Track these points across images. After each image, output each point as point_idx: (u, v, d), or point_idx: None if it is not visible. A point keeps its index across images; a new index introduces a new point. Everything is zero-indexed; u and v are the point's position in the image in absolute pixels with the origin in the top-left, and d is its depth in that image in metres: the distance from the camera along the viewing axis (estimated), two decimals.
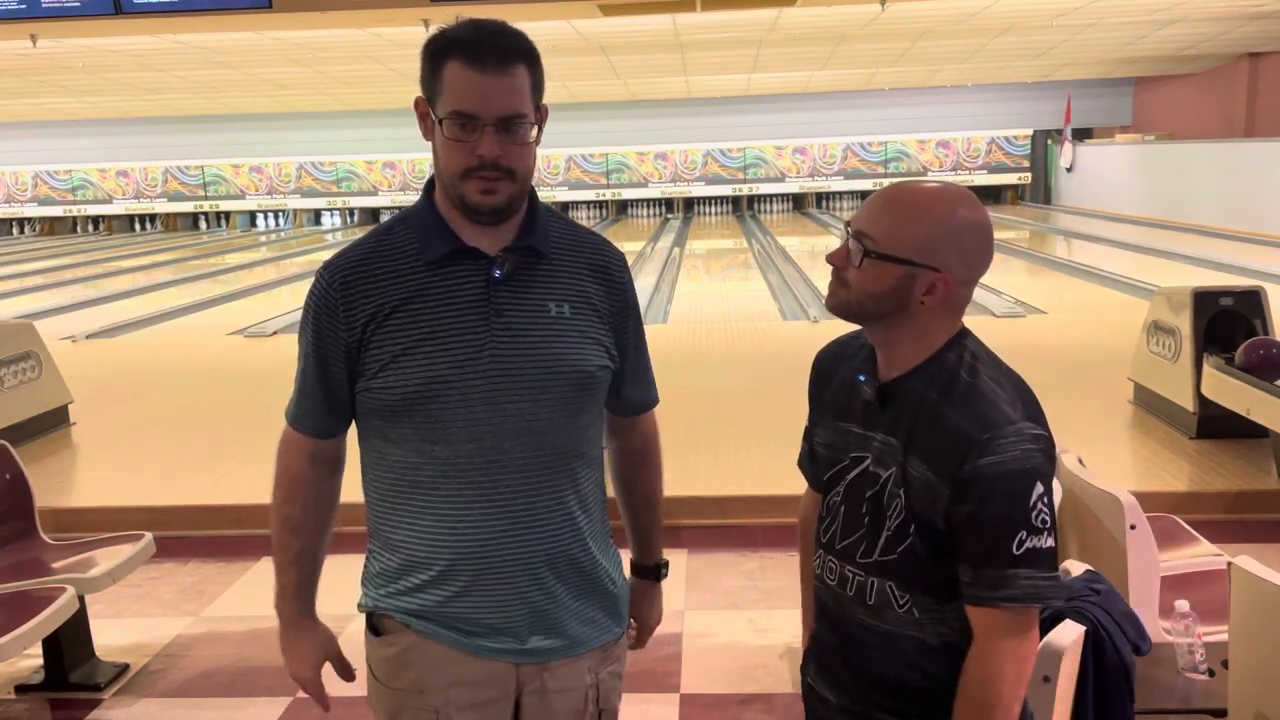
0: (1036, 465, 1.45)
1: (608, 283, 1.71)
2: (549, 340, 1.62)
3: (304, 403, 1.69)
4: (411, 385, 1.58)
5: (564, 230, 1.71)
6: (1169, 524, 3.22)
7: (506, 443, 1.60)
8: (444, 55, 1.54)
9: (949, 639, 1.54)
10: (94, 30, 8.94)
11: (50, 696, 3.48)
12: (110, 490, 5.31)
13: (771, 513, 4.76)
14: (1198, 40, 15.63)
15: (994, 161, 23.91)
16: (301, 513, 1.72)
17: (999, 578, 1.45)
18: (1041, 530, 1.45)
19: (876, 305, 1.53)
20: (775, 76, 18.53)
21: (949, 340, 1.55)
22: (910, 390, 1.54)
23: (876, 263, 1.50)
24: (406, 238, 1.64)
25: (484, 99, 1.53)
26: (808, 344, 7.53)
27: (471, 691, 1.65)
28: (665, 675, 3.48)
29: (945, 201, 1.51)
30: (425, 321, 1.59)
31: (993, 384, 1.51)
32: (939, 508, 1.48)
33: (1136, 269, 12.13)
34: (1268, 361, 4.81)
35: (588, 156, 24.25)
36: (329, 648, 1.78)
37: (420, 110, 1.60)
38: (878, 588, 1.56)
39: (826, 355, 1.74)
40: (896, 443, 1.53)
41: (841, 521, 1.62)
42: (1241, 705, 2.14)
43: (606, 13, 8.69)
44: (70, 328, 10.26)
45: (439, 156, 1.58)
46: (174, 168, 24.98)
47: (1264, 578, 2.06)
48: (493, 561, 1.62)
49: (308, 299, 1.66)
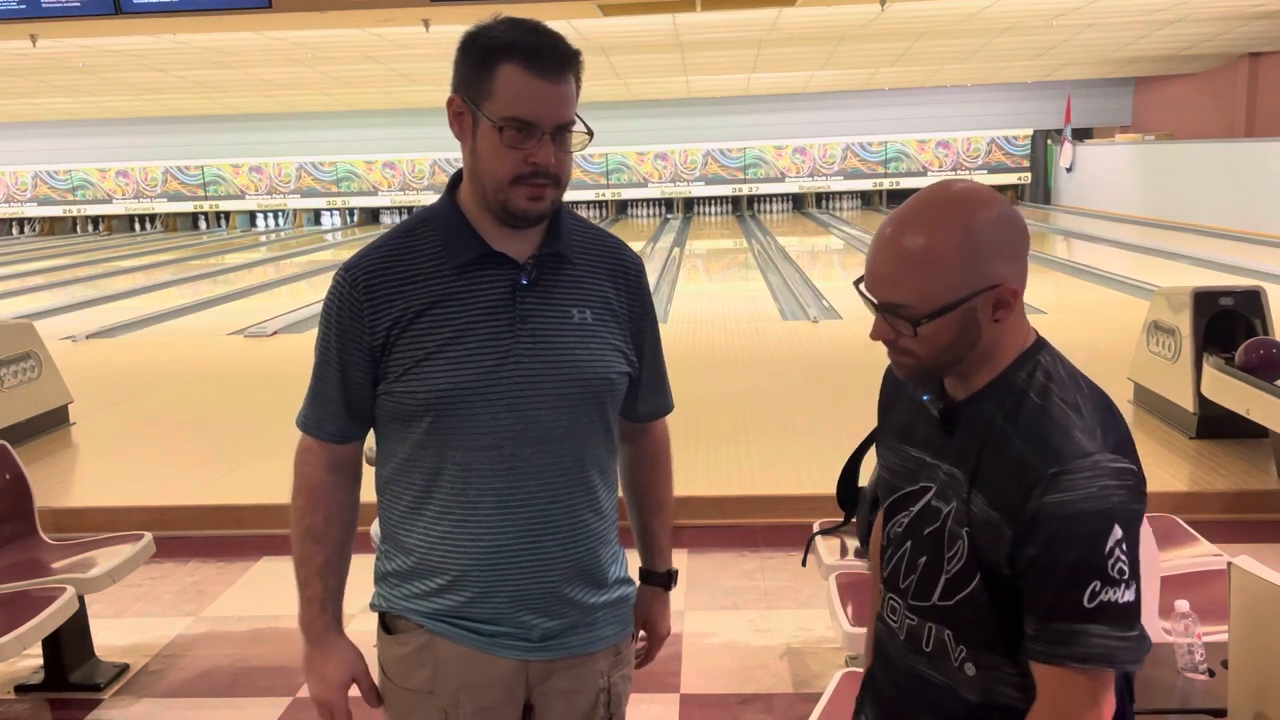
0: (1117, 504, 1.26)
1: (627, 288, 1.70)
2: (572, 347, 1.60)
3: (323, 408, 1.65)
4: (436, 390, 1.56)
5: (584, 233, 1.70)
6: (1169, 524, 3.22)
7: (526, 449, 1.59)
8: (498, 57, 1.49)
9: (1009, 701, 1.37)
10: (94, 30, 8.94)
11: (50, 696, 3.47)
12: (110, 490, 5.31)
13: (771, 513, 4.76)
14: (1198, 40, 15.63)
15: (994, 161, 23.91)
16: (325, 522, 1.67)
17: (1068, 633, 1.27)
18: (1119, 582, 1.25)
19: (954, 353, 1.35)
20: (775, 76, 18.52)
21: (1020, 355, 1.37)
22: (979, 415, 1.37)
23: (931, 323, 1.32)
24: (430, 239, 1.60)
25: (545, 106, 1.50)
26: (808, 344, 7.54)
27: (481, 694, 1.64)
28: (665, 675, 3.48)
29: (956, 217, 1.31)
30: (451, 326, 1.56)
31: (1066, 407, 1.31)
32: (1002, 550, 1.30)
33: (1136, 269, 12.13)
34: (1268, 361, 4.81)
35: (588, 156, 24.20)
36: (357, 667, 1.70)
37: (456, 109, 1.55)
38: (935, 635, 1.41)
39: (892, 372, 1.55)
40: (961, 475, 1.36)
41: (903, 557, 1.46)
42: (1241, 705, 2.14)
43: (606, 13, 8.68)
44: (70, 328, 10.26)
45: (483, 160, 1.54)
46: (174, 168, 24.98)
47: (1264, 578, 2.06)
48: (507, 568, 1.61)
49: (328, 301, 1.63)
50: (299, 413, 1.68)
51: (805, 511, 4.29)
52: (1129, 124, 22.49)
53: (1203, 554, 3.07)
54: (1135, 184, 19.45)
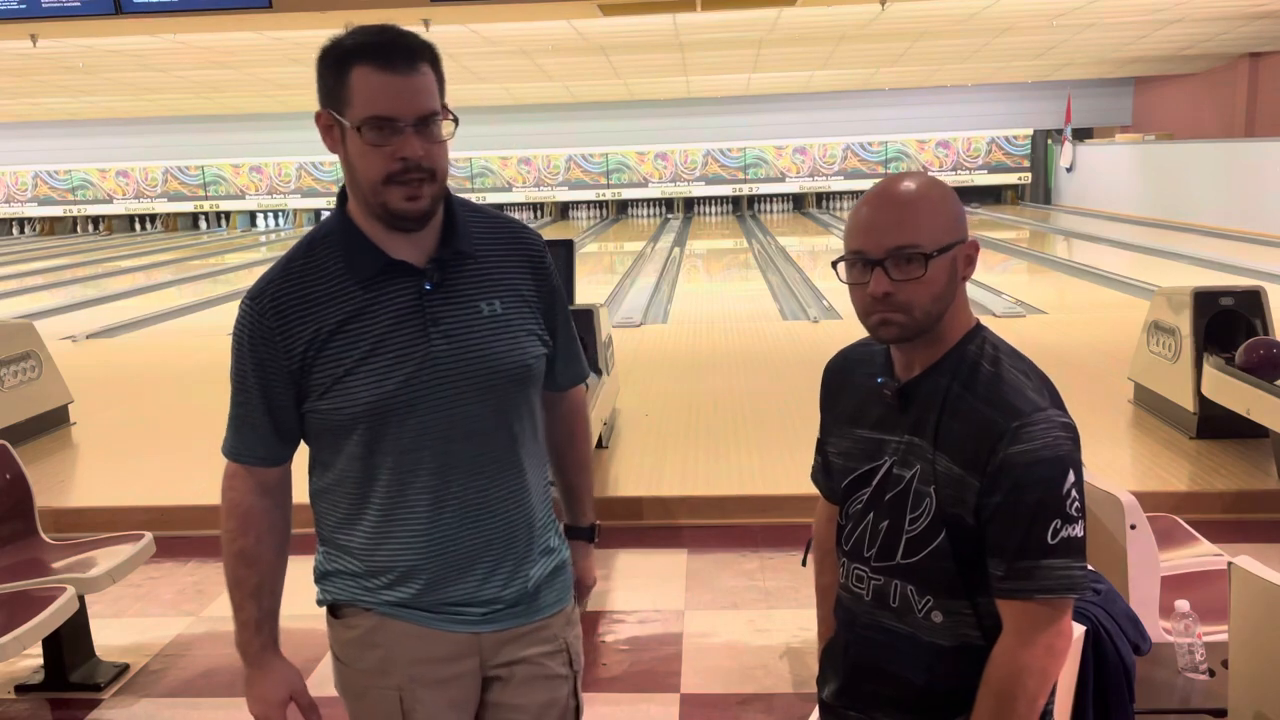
0: (1068, 452, 1.44)
1: (532, 270, 1.72)
2: (487, 340, 1.63)
3: (249, 435, 1.66)
4: (360, 403, 1.58)
5: (483, 223, 1.70)
6: (1169, 524, 3.22)
7: (456, 445, 1.62)
8: (348, 62, 1.52)
9: (971, 642, 1.52)
10: (94, 30, 8.93)
11: (50, 696, 3.48)
12: (110, 490, 5.31)
13: (771, 513, 4.76)
14: (1198, 40, 15.63)
15: (994, 161, 23.92)
16: (256, 544, 1.68)
17: (1033, 568, 1.43)
18: (1075, 519, 1.43)
19: (941, 305, 1.50)
20: (775, 76, 18.53)
21: (967, 333, 1.54)
22: (933, 386, 1.52)
23: (938, 260, 1.47)
24: (330, 256, 1.61)
25: (400, 99, 1.51)
26: (807, 344, 7.52)
27: (435, 668, 1.67)
28: (665, 675, 3.48)
29: (925, 182, 1.52)
30: (366, 340, 1.58)
31: (1017, 373, 1.50)
32: (969, 501, 1.46)
33: (1136, 269, 12.13)
34: (1268, 361, 4.81)
35: (588, 156, 24.25)
36: (295, 685, 1.71)
37: (324, 123, 1.58)
38: (900, 590, 1.55)
39: (835, 366, 1.72)
40: (922, 441, 1.51)
41: (865, 527, 1.59)
42: (1241, 705, 2.14)
43: (606, 13, 8.68)
44: (70, 328, 10.27)
45: (354, 166, 1.56)
46: (174, 168, 24.99)
47: (1264, 578, 2.06)
48: (450, 556, 1.65)
49: (238, 331, 1.63)
50: (224, 441, 1.70)
51: (805, 511, 4.27)
52: (1129, 124, 22.50)
53: (1203, 554, 3.07)
54: (1135, 184, 19.45)
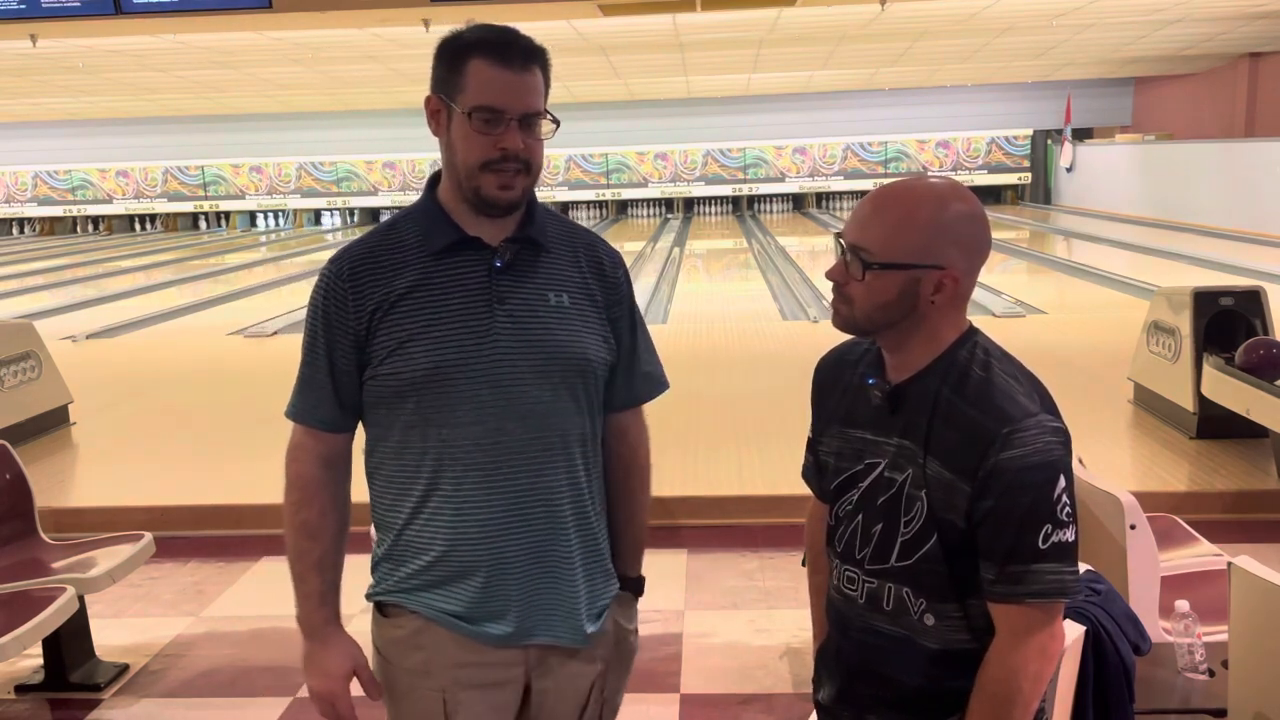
0: (1059, 458, 1.43)
1: (602, 277, 1.76)
2: (550, 327, 1.67)
3: (314, 395, 1.69)
4: (419, 370, 1.61)
5: (560, 226, 1.77)
6: (1169, 524, 3.22)
7: (510, 424, 1.64)
8: (467, 54, 1.60)
9: (962, 644, 1.51)
10: (94, 30, 8.93)
11: (50, 696, 3.47)
12: (110, 490, 5.31)
13: (771, 513, 4.76)
14: (1198, 40, 15.63)
15: (994, 161, 23.92)
16: (319, 516, 1.70)
17: (1025, 573, 1.43)
18: (1066, 524, 1.43)
19: (885, 315, 1.50)
20: (775, 76, 18.53)
21: (959, 338, 1.53)
22: (923, 390, 1.51)
23: (879, 274, 1.47)
24: (411, 231, 1.69)
25: (510, 94, 1.60)
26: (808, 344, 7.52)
27: (479, 673, 1.67)
28: (665, 675, 3.48)
29: (936, 197, 1.48)
30: (429, 308, 1.63)
31: (1007, 378, 1.49)
32: (960, 506, 1.45)
33: (1136, 269, 12.13)
34: (1268, 361, 4.81)
35: (588, 156, 24.24)
36: (358, 659, 1.72)
37: (433, 107, 1.65)
38: (894, 593, 1.54)
39: (827, 363, 1.72)
40: (913, 445, 1.50)
41: (856, 528, 1.59)
42: (1241, 705, 2.14)
43: (606, 13, 8.68)
44: (70, 328, 10.26)
45: (456, 149, 1.63)
46: (174, 168, 24.98)
47: (1264, 578, 2.06)
48: (495, 544, 1.64)
49: (315, 292, 1.69)
50: (289, 404, 1.72)
51: (805, 511, 4.28)
52: (1129, 124, 22.49)
53: (1203, 554, 3.06)
54: (1135, 184, 19.45)
